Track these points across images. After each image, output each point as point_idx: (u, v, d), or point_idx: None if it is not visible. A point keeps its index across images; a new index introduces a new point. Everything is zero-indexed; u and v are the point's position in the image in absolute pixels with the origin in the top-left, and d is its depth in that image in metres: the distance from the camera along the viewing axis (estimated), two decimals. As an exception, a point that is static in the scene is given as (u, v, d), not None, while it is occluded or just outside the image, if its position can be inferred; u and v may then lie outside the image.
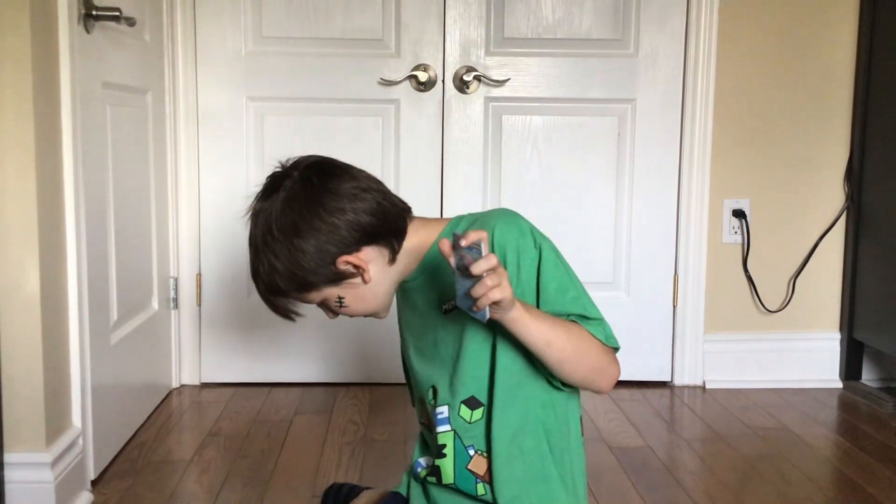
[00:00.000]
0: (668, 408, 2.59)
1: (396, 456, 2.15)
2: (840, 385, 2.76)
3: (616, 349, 1.19)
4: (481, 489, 1.22)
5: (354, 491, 1.48)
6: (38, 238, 1.69)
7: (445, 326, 1.23)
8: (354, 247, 1.19)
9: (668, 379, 2.78)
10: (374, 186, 1.22)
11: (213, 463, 2.11)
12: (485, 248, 1.03)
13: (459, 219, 1.26)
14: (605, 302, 3.08)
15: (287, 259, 1.18)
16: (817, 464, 2.18)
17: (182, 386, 2.70)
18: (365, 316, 1.28)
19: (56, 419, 1.79)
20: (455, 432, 1.22)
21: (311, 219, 1.17)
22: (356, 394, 2.64)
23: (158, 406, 2.51)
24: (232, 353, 2.72)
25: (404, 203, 1.26)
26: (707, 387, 2.75)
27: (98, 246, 1.99)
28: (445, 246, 1.05)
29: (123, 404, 2.19)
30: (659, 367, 2.78)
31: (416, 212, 1.29)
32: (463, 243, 1.03)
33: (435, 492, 1.28)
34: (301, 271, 1.18)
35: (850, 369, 2.76)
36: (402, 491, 1.34)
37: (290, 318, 1.27)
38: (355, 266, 1.20)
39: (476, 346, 1.19)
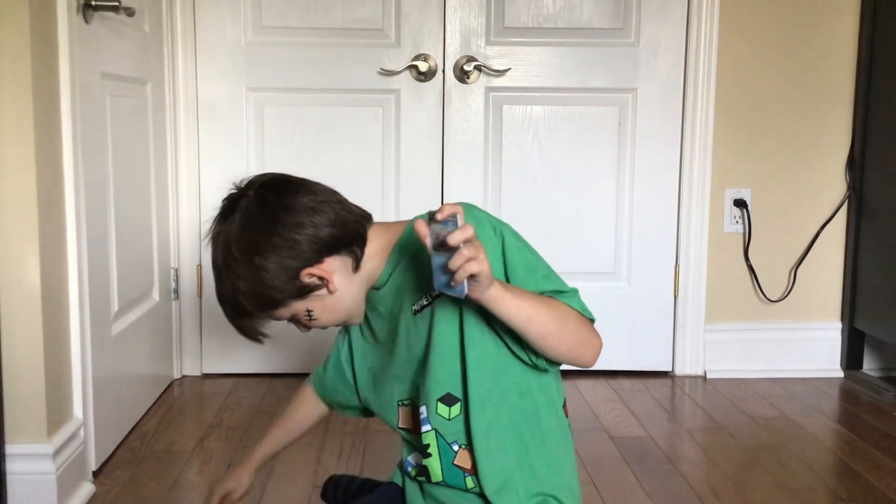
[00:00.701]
0: (669, 398, 2.59)
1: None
2: (841, 374, 2.76)
3: (592, 321, 1.18)
4: (470, 482, 1.22)
5: (354, 482, 1.48)
6: (39, 229, 1.69)
7: (416, 326, 1.22)
8: (316, 259, 1.18)
9: (669, 369, 2.78)
10: (330, 198, 1.21)
11: (215, 453, 2.11)
12: (460, 221, 1.01)
13: (419, 216, 1.25)
14: (606, 292, 3.04)
15: (250, 279, 1.17)
16: (818, 453, 2.18)
17: (183, 377, 2.71)
18: (337, 325, 1.28)
19: (57, 410, 1.79)
20: (436, 431, 1.22)
21: (269, 236, 1.16)
22: (357, 384, 2.64)
23: (160, 397, 2.51)
24: (233, 343, 2.71)
25: (363, 210, 1.25)
26: (708, 376, 2.75)
27: (98, 237, 1.99)
28: (422, 227, 1.03)
29: (125, 395, 2.19)
30: (660, 356, 2.78)
31: (417, 204, 1.28)
32: (438, 216, 1.01)
33: (428, 486, 1.28)
34: (265, 290, 1.17)
35: (851, 359, 2.76)
36: (399, 482, 1.34)
37: (259, 341, 1.26)
38: (319, 278, 1.18)
39: (446, 341, 1.18)
